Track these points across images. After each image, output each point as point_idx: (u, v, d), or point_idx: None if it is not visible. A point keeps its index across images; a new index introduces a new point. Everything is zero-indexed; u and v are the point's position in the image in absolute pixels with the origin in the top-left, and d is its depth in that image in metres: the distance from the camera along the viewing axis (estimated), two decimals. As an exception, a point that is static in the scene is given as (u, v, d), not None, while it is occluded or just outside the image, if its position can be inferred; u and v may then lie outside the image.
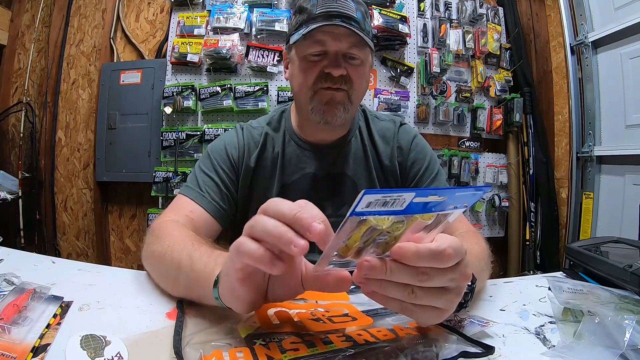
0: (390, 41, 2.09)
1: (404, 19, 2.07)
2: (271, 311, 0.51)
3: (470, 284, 0.50)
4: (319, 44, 0.77)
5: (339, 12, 0.75)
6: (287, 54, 0.86)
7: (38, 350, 0.42)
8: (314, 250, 0.39)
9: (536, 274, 1.77)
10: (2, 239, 1.75)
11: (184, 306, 0.53)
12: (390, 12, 2.05)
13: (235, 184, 0.87)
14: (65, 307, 0.53)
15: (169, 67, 2.06)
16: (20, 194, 2.09)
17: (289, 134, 0.91)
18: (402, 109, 2.09)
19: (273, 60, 2.01)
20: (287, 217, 0.38)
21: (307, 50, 0.78)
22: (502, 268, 2.28)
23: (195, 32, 2.03)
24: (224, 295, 0.45)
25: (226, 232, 0.87)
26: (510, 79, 2.27)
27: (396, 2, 2.12)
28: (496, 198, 2.21)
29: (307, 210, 0.38)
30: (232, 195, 0.86)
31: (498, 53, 2.23)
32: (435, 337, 0.47)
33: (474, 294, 0.52)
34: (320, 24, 0.74)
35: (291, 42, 0.82)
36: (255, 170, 0.88)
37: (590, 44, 1.95)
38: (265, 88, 1.98)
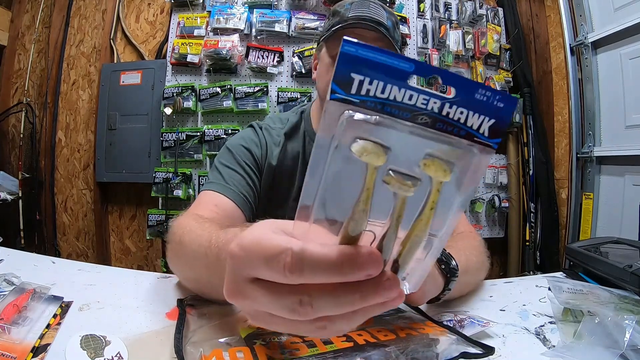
0: (390, 42, 2.09)
1: (403, 20, 2.08)
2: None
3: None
4: None
5: (370, 17, 0.78)
6: (318, 54, 0.88)
7: (38, 350, 0.42)
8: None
9: (536, 274, 1.77)
10: (2, 239, 1.75)
11: (185, 305, 0.53)
12: (390, 12, 2.05)
13: (259, 181, 0.84)
14: (65, 307, 0.53)
15: (169, 67, 2.06)
16: (20, 195, 2.09)
17: (309, 135, 0.90)
18: (402, 110, 2.09)
19: (273, 61, 2.01)
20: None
21: (336, 49, 0.78)
22: (502, 268, 2.27)
23: (195, 32, 2.04)
24: None
25: None
26: (510, 79, 2.27)
27: (396, 2, 2.12)
28: (496, 199, 2.21)
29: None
30: (257, 191, 0.82)
31: (498, 54, 2.23)
32: (435, 337, 0.47)
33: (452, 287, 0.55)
34: (351, 23, 0.77)
35: (322, 40, 0.84)
36: (277, 170, 0.87)
37: (590, 45, 1.95)
38: (265, 89, 1.98)
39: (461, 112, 0.23)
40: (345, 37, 0.22)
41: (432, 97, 0.22)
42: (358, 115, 0.22)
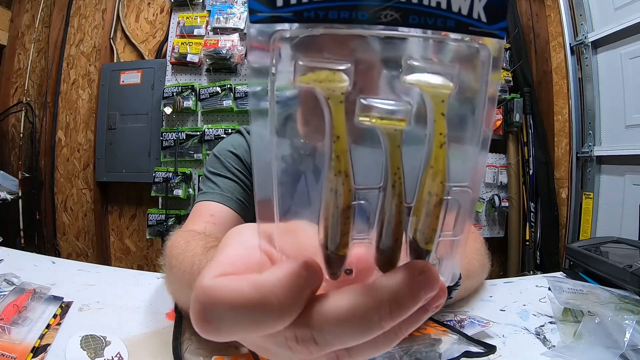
0: (390, 41, 2.08)
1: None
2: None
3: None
4: None
5: None
6: None
7: (38, 350, 0.42)
8: None
9: (536, 274, 1.77)
10: (2, 239, 1.75)
11: (182, 310, 0.53)
12: (390, 12, 2.05)
13: (251, 186, 0.78)
14: (65, 307, 0.53)
15: (169, 67, 2.06)
16: (20, 194, 2.09)
17: None
18: (402, 109, 2.09)
19: (273, 61, 2.01)
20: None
21: None
22: (502, 268, 2.27)
23: (195, 32, 2.03)
24: None
25: None
26: (510, 79, 2.26)
27: (396, 2, 2.12)
28: (496, 198, 2.21)
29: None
30: (251, 195, 0.75)
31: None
32: (437, 338, 0.47)
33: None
34: None
35: None
36: None
37: (590, 44, 1.95)
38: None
39: None
40: None
41: None
42: (294, 32, 0.16)
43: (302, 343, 0.17)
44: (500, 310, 0.60)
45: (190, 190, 2.01)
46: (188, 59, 1.99)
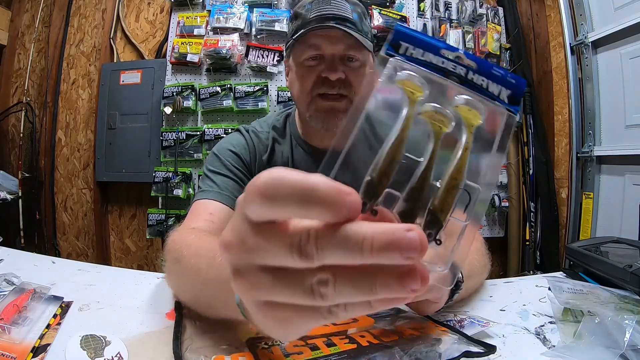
0: (390, 41, 2.08)
1: (404, 19, 2.07)
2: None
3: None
4: (313, 48, 0.75)
5: (333, 14, 0.73)
6: (287, 61, 0.85)
7: (38, 350, 0.42)
8: None
9: (536, 274, 1.77)
10: (2, 239, 1.75)
11: (182, 309, 0.53)
12: (390, 12, 2.05)
13: None
14: (65, 307, 0.53)
15: (169, 67, 2.06)
16: (20, 194, 2.09)
17: (296, 139, 0.88)
18: (402, 109, 2.09)
19: (273, 60, 2.01)
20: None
21: (303, 55, 0.76)
22: (501, 268, 2.27)
23: (195, 32, 2.04)
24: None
25: None
26: (510, 79, 2.26)
27: (396, 2, 2.12)
28: (496, 198, 2.21)
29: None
30: None
31: (498, 53, 2.23)
32: (437, 337, 0.47)
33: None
34: (314, 26, 0.73)
35: (288, 47, 0.81)
36: None
37: (590, 44, 1.95)
38: (265, 88, 1.98)
39: (482, 80, 0.27)
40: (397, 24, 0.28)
41: (458, 65, 0.28)
42: (403, 60, 0.27)
43: (323, 285, 0.21)
44: (500, 310, 0.60)
45: (190, 190, 2.01)
46: (188, 59, 1.99)
